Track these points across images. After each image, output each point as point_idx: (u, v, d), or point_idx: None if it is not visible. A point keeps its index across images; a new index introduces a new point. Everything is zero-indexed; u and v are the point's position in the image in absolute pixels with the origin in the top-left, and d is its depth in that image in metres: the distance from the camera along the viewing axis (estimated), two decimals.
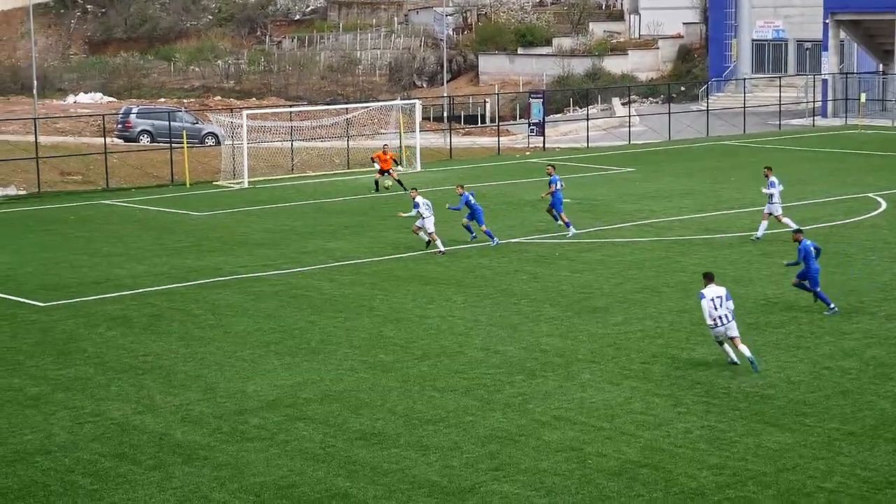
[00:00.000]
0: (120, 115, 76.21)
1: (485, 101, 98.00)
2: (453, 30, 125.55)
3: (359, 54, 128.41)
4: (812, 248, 30.80)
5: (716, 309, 26.13)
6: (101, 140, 65.51)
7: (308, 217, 48.87)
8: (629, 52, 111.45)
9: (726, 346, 26.60)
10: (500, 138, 75.30)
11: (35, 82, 75.16)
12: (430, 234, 39.54)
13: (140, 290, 35.03)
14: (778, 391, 24.77)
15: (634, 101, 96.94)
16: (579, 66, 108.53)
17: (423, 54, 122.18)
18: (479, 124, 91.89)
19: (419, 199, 39.73)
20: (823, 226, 43.12)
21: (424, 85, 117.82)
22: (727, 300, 26.25)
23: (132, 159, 65.12)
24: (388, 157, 55.92)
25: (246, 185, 59.48)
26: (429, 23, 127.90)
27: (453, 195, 42.30)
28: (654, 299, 32.58)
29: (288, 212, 50.70)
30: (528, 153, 72.59)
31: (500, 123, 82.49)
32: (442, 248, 39.31)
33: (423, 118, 72.99)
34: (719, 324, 26.20)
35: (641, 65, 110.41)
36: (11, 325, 31.22)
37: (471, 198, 40.46)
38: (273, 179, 61.34)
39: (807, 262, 30.80)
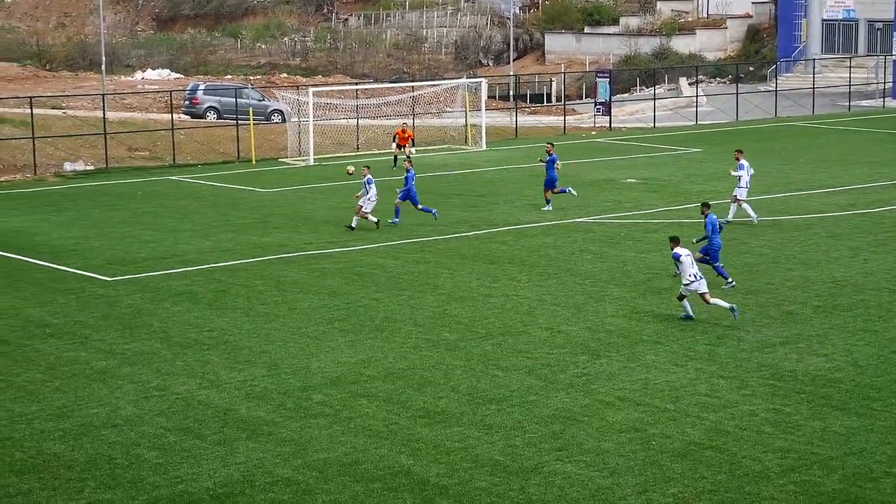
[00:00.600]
0: (187, 92, 76.55)
1: (551, 80, 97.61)
2: (520, 8, 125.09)
3: (425, 32, 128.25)
4: (718, 223, 31.79)
5: (691, 266, 28.16)
6: (168, 116, 65.83)
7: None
8: (697, 31, 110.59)
9: (685, 302, 28.44)
10: (566, 117, 75.00)
11: (103, 59, 75.63)
12: (362, 211, 40.17)
13: (206, 266, 35.22)
14: (845, 375, 24.56)
15: (702, 82, 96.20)
16: (646, 45, 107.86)
17: (489, 33, 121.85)
18: (545, 103, 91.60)
19: (370, 176, 40.40)
20: (893, 209, 42.66)
21: (490, 63, 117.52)
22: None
23: (199, 135, 65.43)
24: (406, 134, 57.38)
25: (311, 163, 59.62)
26: (495, 1, 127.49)
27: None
28: (720, 281, 32.36)
29: (353, 189, 50.73)
30: (593, 133, 72.28)
31: (566, 103, 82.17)
32: (353, 225, 40.36)
33: (488, 97, 72.77)
34: (695, 279, 28.10)
35: (709, 44, 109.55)
36: (79, 298, 31.49)
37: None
38: (338, 157, 61.44)
39: (711, 235, 31.63)
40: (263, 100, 74.31)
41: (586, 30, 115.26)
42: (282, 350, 26.55)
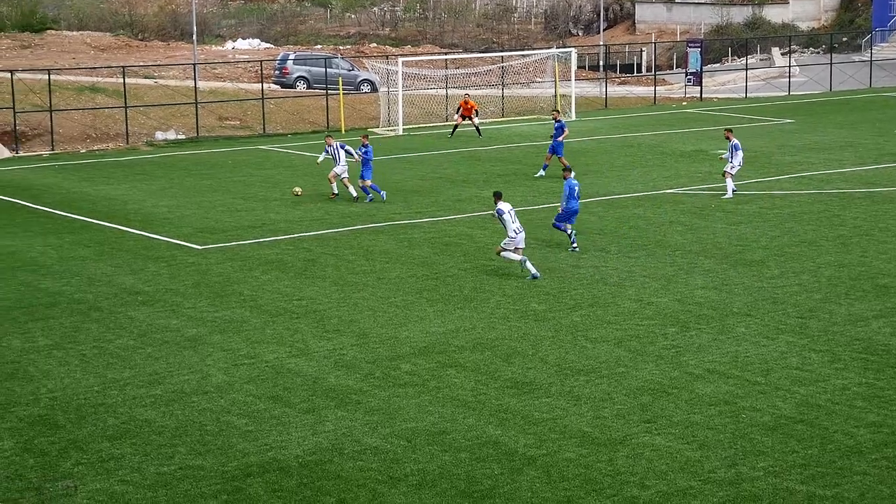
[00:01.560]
0: (277, 62, 76.94)
1: (641, 50, 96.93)
2: None
3: (514, 2, 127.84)
4: (577, 187, 33.25)
5: (513, 221, 29.89)
6: (259, 86, 66.21)
7: (461, 165, 48.91)
8: (790, 0, 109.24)
9: (528, 264, 29.86)
10: (657, 88, 74.46)
11: (195, 28, 76.18)
12: (340, 176, 40.75)
13: (295, 235, 35.40)
14: None
15: (795, 52, 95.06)
16: (738, 14, 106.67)
17: (579, 2, 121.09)
18: (635, 73, 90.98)
19: (337, 143, 40.88)
20: None
21: (580, 34, 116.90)
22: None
23: (288, 105, 65.72)
24: (469, 105, 57.39)
25: (400, 133, 59.69)
26: None
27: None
28: (811, 253, 32.04)
29: (441, 159, 50.78)
30: (684, 103, 71.73)
31: (657, 73, 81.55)
32: (336, 192, 40.89)
33: (578, 67, 72.46)
34: (518, 233, 29.94)
35: (803, 14, 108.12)
36: (170, 267, 31.78)
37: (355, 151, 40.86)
38: (427, 127, 61.47)
39: (569, 199, 32.90)
40: (353, 69, 74.50)
41: None
42: (370, 319, 26.63)
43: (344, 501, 17.29)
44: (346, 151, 40.57)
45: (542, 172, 45.20)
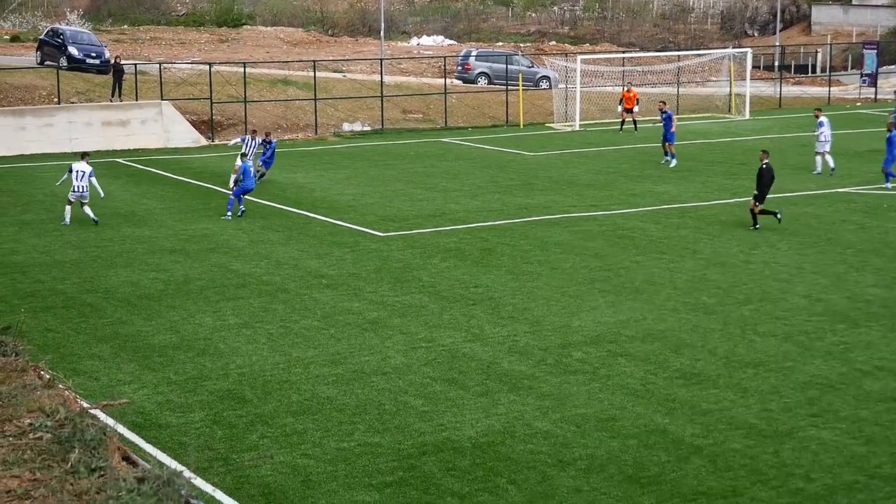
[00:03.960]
0: (460, 58, 77.24)
1: (816, 51, 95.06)
2: None
3: (691, 2, 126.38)
4: (251, 169, 36.94)
5: (79, 180, 34.84)
6: (442, 81, 66.57)
7: (636, 160, 48.57)
8: None
9: (86, 208, 35.11)
10: (831, 88, 72.98)
11: (382, 25, 76.91)
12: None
13: (473, 225, 35.51)
14: None
15: None
16: None
17: (755, 3, 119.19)
18: (810, 74, 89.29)
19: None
20: None
21: (756, 34, 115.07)
22: (90, 175, 35.10)
23: (469, 100, 65.96)
24: (631, 94, 57.69)
25: (577, 128, 59.52)
26: None
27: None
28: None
29: (617, 155, 50.50)
30: (858, 104, 70.23)
31: (832, 74, 79.96)
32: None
33: (753, 67, 71.38)
34: (78, 190, 35.00)
35: None
36: (353, 252, 32.14)
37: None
38: (603, 123, 61.14)
39: (245, 176, 36.76)
40: (532, 66, 74.44)
41: (854, 1, 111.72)
42: (544, 308, 26.60)
43: (515, 482, 17.31)
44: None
45: (673, 162, 46.70)
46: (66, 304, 26.94)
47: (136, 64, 60.38)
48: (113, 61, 58.76)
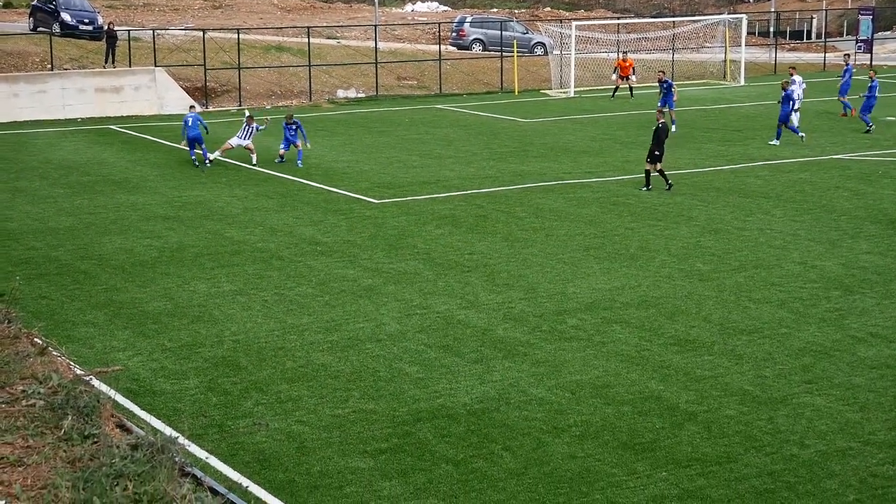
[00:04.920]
0: (454, 24, 77.04)
1: (811, 17, 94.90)
2: None
3: None
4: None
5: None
6: (436, 47, 66.40)
7: (631, 127, 48.47)
8: None
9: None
10: (826, 55, 72.82)
11: None
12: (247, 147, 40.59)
13: (467, 192, 35.46)
14: None
15: None
16: None
17: None
18: (805, 40, 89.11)
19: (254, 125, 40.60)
20: None
21: (751, 0, 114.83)
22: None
23: (464, 66, 65.80)
24: (627, 63, 57.72)
25: (572, 95, 59.41)
26: None
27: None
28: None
29: (611, 122, 50.40)
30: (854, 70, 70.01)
31: (827, 40, 79.76)
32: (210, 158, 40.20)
33: (748, 33, 71.22)
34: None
35: None
36: (348, 219, 32.08)
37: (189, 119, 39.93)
38: (598, 90, 61.01)
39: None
40: (527, 33, 74.24)
41: None
42: (539, 275, 26.57)
43: (509, 449, 17.31)
44: (257, 129, 40.82)
45: (673, 128, 45.97)
46: (59, 270, 26.89)
47: (129, 30, 60.14)
48: (106, 27, 58.58)
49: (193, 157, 39.56)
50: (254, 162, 39.86)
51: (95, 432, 10.22)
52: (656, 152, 35.10)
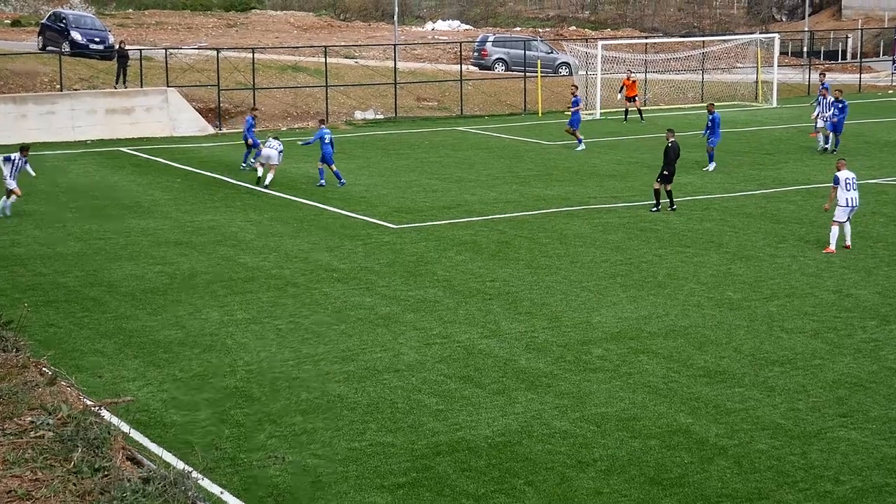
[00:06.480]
0: (476, 44, 77.25)
1: (847, 37, 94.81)
2: None
3: None
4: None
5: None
6: (457, 67, 66.56)
7: (658, 151, 48.41)
8: None
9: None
10: (862, 75, 72.79)
11: (396, 9, 76.90)
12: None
13: (489, 217, 35.52)
14: None
15: None
16: None
17: None
18: (840, 60, 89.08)
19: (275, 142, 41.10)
20: None
21: (784, 19, 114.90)
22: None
23: (486, 87, 65.95)
24: (632, 82, 58.05)
25: (598, 116, 59.46)
26: None
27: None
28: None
29: (638, 145, 50.45)
30: (890, 91, 70.01)
31: (863, 60, 79.73)
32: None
33: (780, 53, 71.29)
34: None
35: None
36: (365, 245, 32.16)
37: (326, 136, 40.15)
38: (625, 111, 61.03)
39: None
40: (551, 52, 74.41)
41: None
42: (563, 303, 26.59)
43: (532, 484, 17.32)
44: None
45: (580, 147, 48.68)
46: (68, 298, 27.01)
47: (140, 49, 60.46)
48: (117, 46, 58.89)
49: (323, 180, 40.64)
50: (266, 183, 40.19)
51: (106, 465, 10.28)
52: (665, 172, 35.43)
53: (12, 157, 35.35)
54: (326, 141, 39.96)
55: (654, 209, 35.52)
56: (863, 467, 17.92)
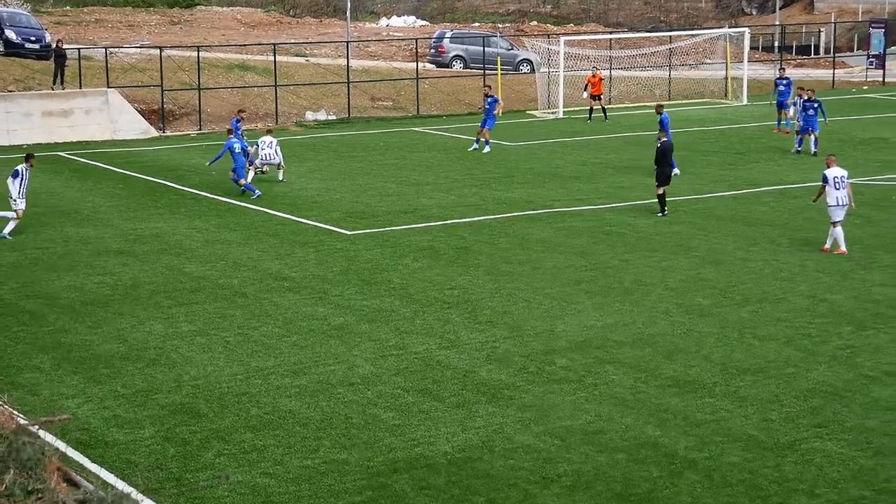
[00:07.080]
0: (433, 40, 77.28)
1: (819, 31, 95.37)
2: None
3: None
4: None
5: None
6: (413, 65, 66.58)
7: (624, 151, 48.64)
8: None
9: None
10: (836, 71, 73.25)
11: (348, 5, 76.82)
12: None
13: (448, 221, 35.52)
14: None
15: None
16: None
17: None
18: (813, 55, 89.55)
19: (268, 138, 42.06)
20: None
21: (754, 12, 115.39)
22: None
23: (443, 85, 66.00)
24: (597, 78, 58.02)
25: (561, 115, 59.61)
26: None
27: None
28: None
29: (603, 144, 50.57)
30: (865, 87, 70.47)
31: (836, 55, 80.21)
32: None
33: (751, 48, 71.59)
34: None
35: None
36: (318, 252, 32.10)
37: (235, 146, 40.20)
38: (589, 110, 61.18)
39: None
40: (512, 49, 74.49)
41: None
42: (525, 311, 26.61)
43: (494, 501, 17.31)
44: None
45: (475, 146, 48.96)
46: (2, 311, 26.84)
47: (79, 48, 60.17)
48: (54, 46, 58.56)
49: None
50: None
51: (40, 487, 10.20)
52: (660, 173, 35.37)
53: (20, 170, 34.65)
54: (237, 151, 39.64)
55: (662, 214, 35.49)
56: (839, 479, 17.99)
